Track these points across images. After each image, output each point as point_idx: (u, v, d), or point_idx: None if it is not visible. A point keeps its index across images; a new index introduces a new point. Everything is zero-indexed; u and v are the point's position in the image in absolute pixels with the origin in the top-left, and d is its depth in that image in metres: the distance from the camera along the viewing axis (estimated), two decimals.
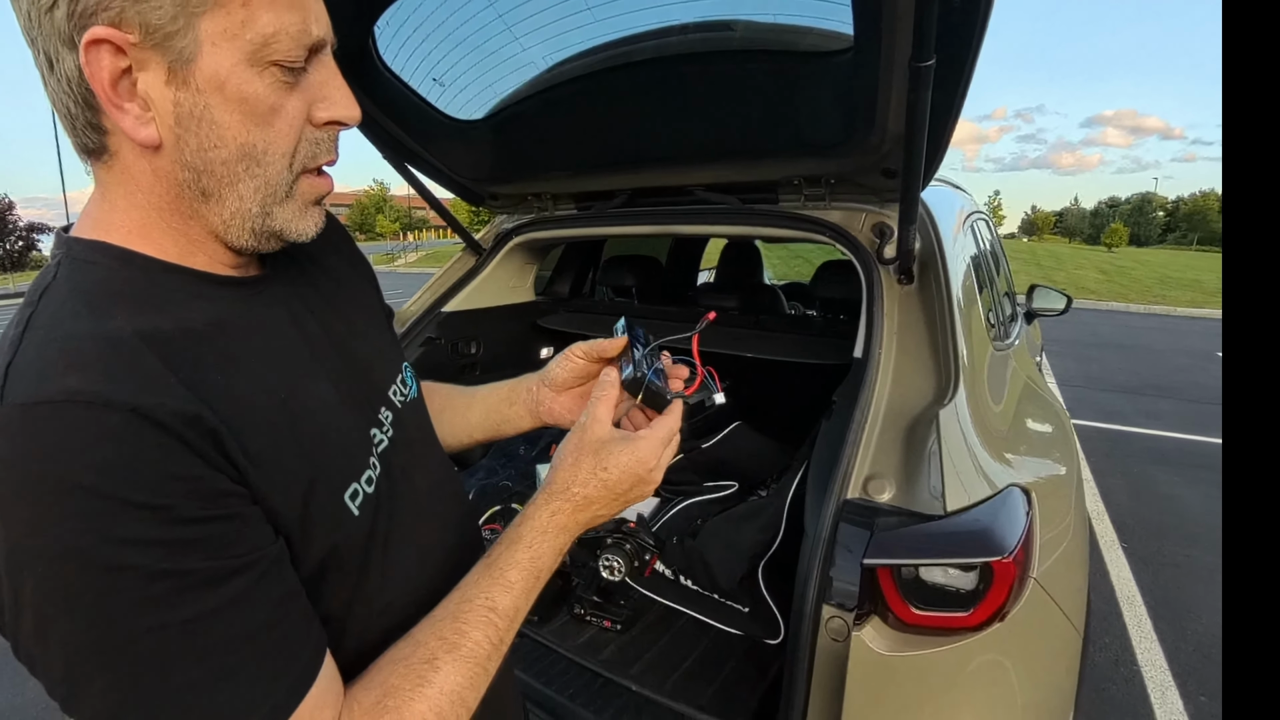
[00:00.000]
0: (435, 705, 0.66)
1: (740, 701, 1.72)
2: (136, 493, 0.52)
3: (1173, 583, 3.97)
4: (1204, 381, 9.57)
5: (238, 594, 0.57)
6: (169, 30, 0.58)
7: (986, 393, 1.69)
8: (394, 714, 0.64)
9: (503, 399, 1.16)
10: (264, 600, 0.59)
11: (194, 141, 0.63)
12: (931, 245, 1.81)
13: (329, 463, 0.72)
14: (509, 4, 1.69)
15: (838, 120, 1.68)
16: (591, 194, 2.47)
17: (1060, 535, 1.59)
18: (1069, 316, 4.60)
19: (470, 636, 0.71)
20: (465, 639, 0.70)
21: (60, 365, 0.56)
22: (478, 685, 0.70)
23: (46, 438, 0.53)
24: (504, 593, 0.75)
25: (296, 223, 0.72)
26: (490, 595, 0.74)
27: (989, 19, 1.23)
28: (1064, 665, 1.56)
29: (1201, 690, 3.07)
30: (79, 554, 0.51)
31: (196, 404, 0.58)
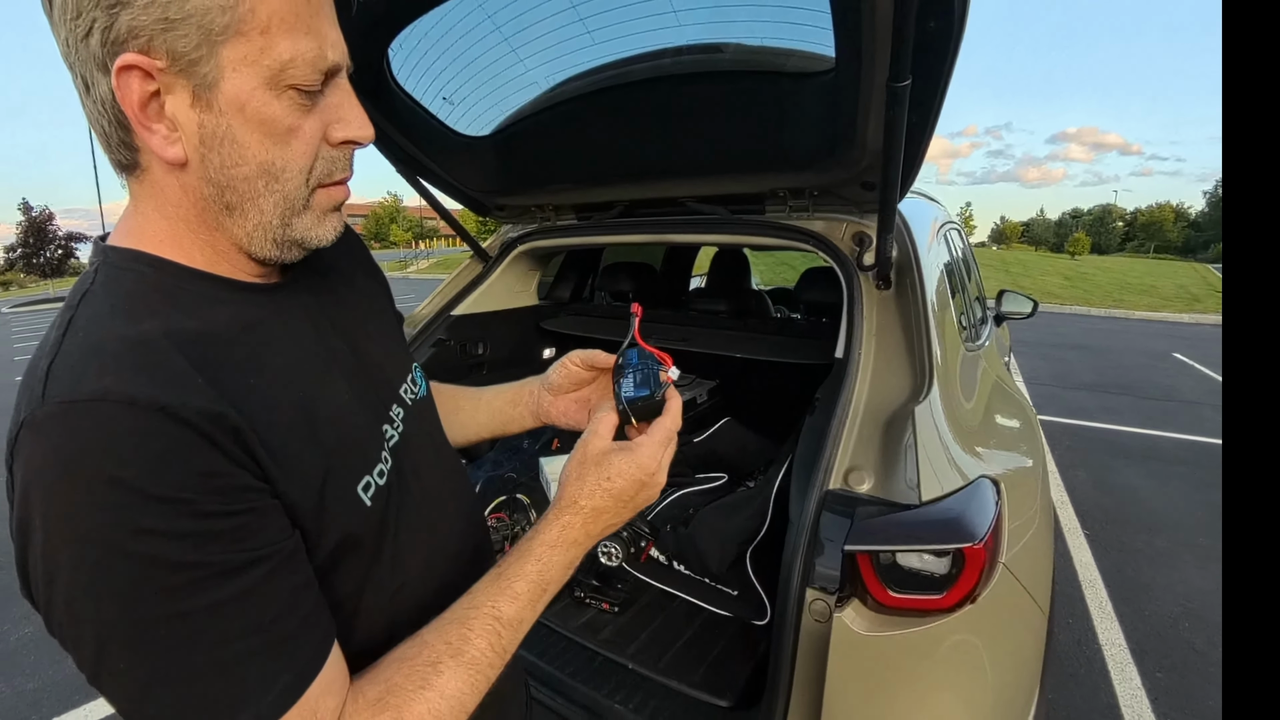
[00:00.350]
0: (434, 708, 0.65)
1: (729, 679, 1.72)
2: (162, 487, 0.53)
3: (1131, 567, 3.99)
4: (1160, 380, 9.61)
5: (253, 584, 0.58)
6: (194, 57, 0.59)
7: (959, 390, 1.70)
8: (394, 711, 0.64)
9: (508, 401, 1.17)
10: (278, 591, 0.60)
11: (217, 159, 0.64)
12: (908, 253, 1.82)
13: (343, 457, 0.72)
14: (514, 27, 1.69)
15: (820, 136, 1.68)
16: (591, 205, 2.47)
17: (1027, 523, 1.59)
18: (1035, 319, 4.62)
19: (474, 643, 0.70)
20: (469, 645, 0.70)
21: (96, 366, 0.56)
22: (478, 690, 0.70)
23: (81, 434, 0.53)
24: (510, 603, 0.74)
25: (315, 230, 0.73)
26: (497, 605, 0.73)
27: (961, 42, 1.23)
28: (1031, 644, 1.56)
29: (1158, 667, 3.08)
30: (108, 543, 0.52)
31: (220, 403, 0.59)
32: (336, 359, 0.80)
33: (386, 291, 1.04)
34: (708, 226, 2.15)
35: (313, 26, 0.64)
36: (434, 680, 0.67)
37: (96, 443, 0.53)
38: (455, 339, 2.63)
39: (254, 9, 0.59)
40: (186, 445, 0.56)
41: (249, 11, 0.59)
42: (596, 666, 1.79)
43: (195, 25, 0.57)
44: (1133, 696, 2.89)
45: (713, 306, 3.11)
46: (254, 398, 0.64)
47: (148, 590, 0.53)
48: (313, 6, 0.64)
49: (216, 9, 0.58)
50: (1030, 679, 1.56)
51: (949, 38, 1.21)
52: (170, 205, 0.67)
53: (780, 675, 1.39)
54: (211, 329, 0.66)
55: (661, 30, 1.59)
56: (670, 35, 1.60)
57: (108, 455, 0.53)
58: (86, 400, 0.54)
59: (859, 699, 1.31)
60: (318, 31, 0.65)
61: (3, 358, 13.18)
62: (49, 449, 0.53)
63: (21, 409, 0.56)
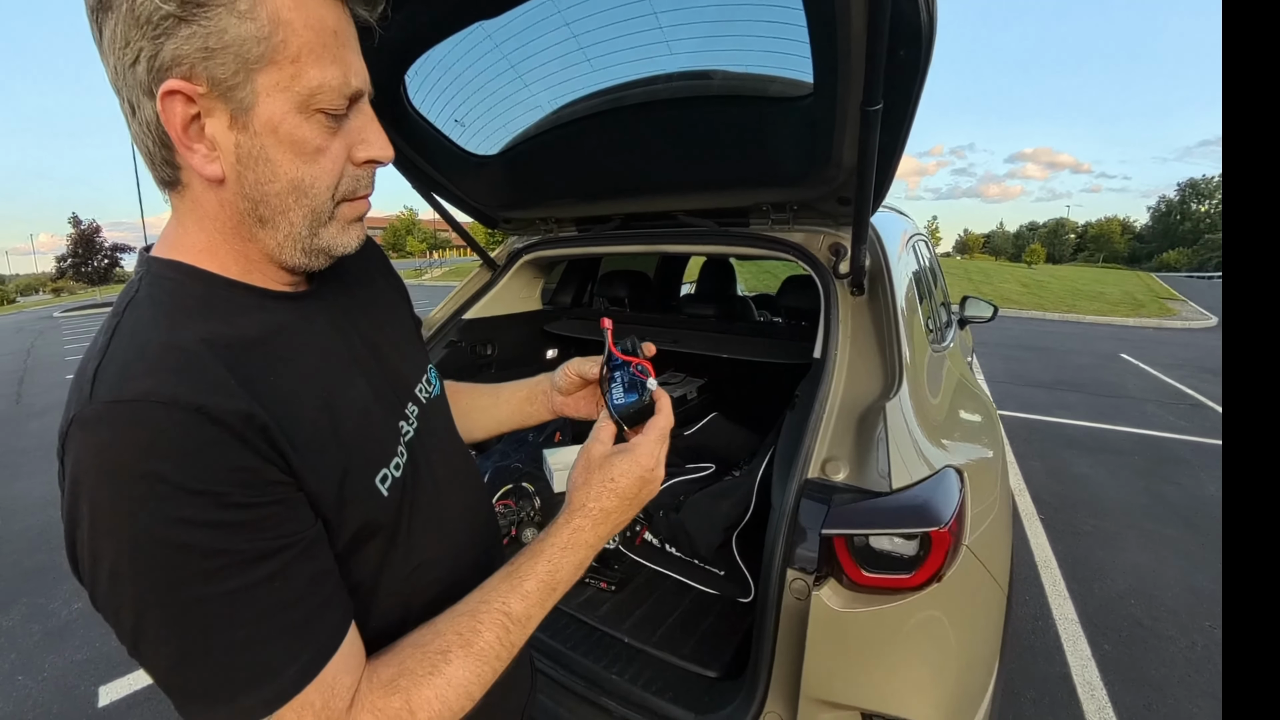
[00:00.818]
0: (441, 693, 0.66)
1: (717, 651, 1.72)
2: (197, 480, 0.55)
3: (1082, 549, 4.00)
4: (1108, 378, 9.64)
5: (278, 570, 0.59)
6: (231, 83, 0.60)
7: (926, 388, 1.70)
8: (404, 694, 0.65)
9: (524, 399, 1.19)
10: (300, 576, 0.61)
11: (252, 176, 0.65)
12: (880, 262, 1.82)
13: (362, 451, 0.73)
14: (519, 55, 1.69)
15: (800, 156, 1.68)
16: (590, 218, 2.46)
17: (988, 509, 1.59)
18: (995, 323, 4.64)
19: (483, 636, 0.70)
20: (479, 638, 0.70)
21: (139, 369, 0.58)
22: (484, 680, 0.70)
23: (125, 431, 0.55)
24: (520, 600, 0.74)
25: (340, 240, 0.74)
26: (507, 601, 0.73)
27: (928, 69, 1.23)
28: (992, 619, 1.57)
29: (1106, 640, 3.09)
30: (147, 530, 0.53)
31: (251, 404, 0.60)
32: (358, 361, 0.81)
33: (404, 297, 1.05)
34: (697, 238, 2.15)
35: (339, 56, 0.65)
36: (443, 668, 0.67)
37: (139, 439, 0.54)
38: (466, 340, 2.63)
39: (286, 40, 0.60)
40: (220, 442, 0.57)
41: (282, 42, 0.60)
42: (595, 640, 1.78)
43: (233, 54, 0.59)
44: (1083, 666, 2.90)
45: (702, 311, 3.11)
46: (281, 398, 0.65)
47: (182, 574, 0.55)
48: (339, 38, 0.65)
49: (253, 40, 0.59)
50: (991, 651, 1.57)
51: (917, 65, 1.21)
52: (208, 219, 0.67)
53: (763, 648, 1.39)
54: (244, 334, 0.67)
55: (654, 58, 1.59)
56: (663, 62, 1.60)
57: (149, 451, 0.54)
58: (130, 400, 0.55)
59: (835, 670, 1.31)
60: (343, 60, 0.66)
61: (54, 357, 13.12)
62: (96, 444, 0.55)
63: (72, 406, 0.57)
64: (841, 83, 1.33)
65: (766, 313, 4.40)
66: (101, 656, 3.03)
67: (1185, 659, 2.98)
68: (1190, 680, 2.83)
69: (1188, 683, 2.82)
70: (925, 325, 2.04)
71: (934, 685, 1.34)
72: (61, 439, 0.57)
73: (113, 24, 0.57)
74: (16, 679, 2.91)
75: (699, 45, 1.54)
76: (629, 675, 1.64)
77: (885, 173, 1.48)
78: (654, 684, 1.61)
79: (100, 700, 2.74)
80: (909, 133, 1.38)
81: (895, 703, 1.31)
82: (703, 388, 2.94)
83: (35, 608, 3.49)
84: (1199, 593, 3.54)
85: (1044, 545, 4.04)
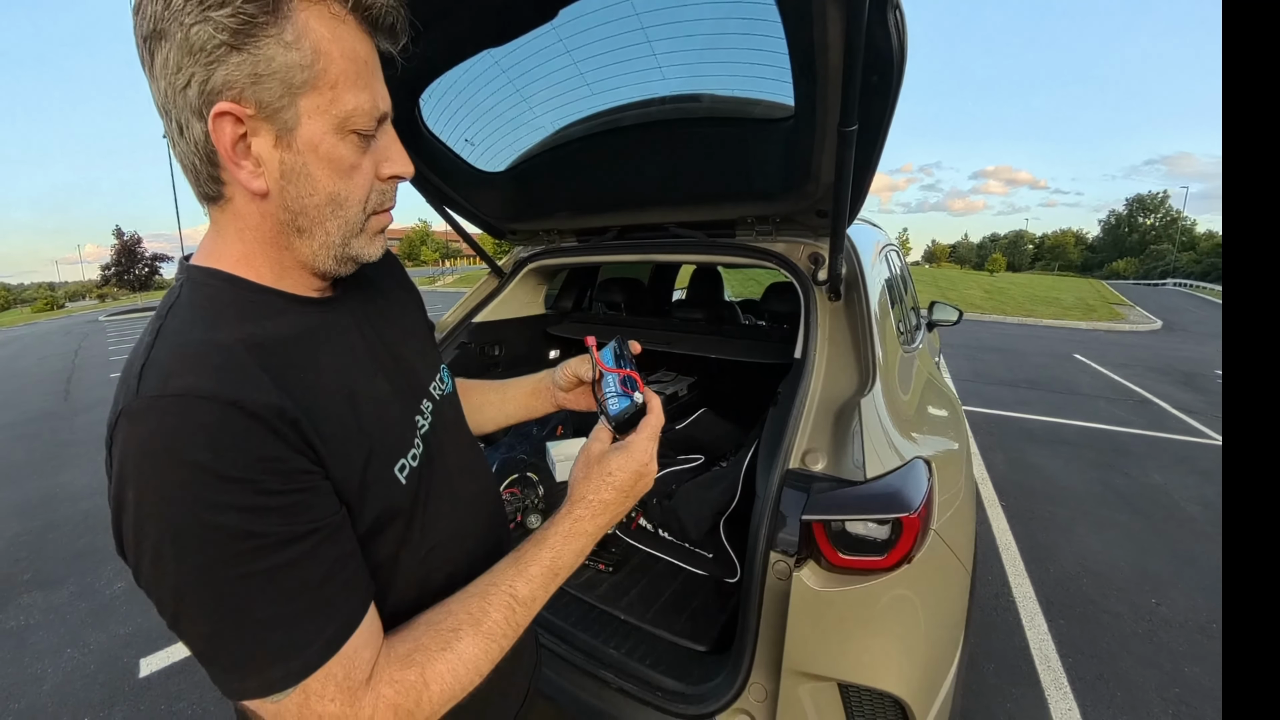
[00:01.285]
0: (453, 667, 0.67)
1: (706, 627, 1.72)
2: (232, 469, 0.56)
3: (1039, 533, 4.01)
4: (1063, 376, 9.67)
5: (304, 553, 0.59)
6: (277, 106, 0.61)
7: (897, 385, 1.69)
8: (419, 667, 0.65)
9: (529, 393, 1.21)
10: (325, 559, 0.61)
11: (294, 191, 0.66)
12: (855, 270, 1.81)
13: (382, 443, 0.73)
14: (524, 80, 1.68)
15: (781, 172, 1.68)
16: (589, 230, 2.45)
17: (954, 496, 1.59)
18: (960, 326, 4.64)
19: (491, 616, 0.71)
20: (487, 618, 0.71)
21: (180, 366, 0.59)
22: (492, 656, 0.71)
23: (168, 423, 0.56)
24: (525, 584, 0.74)
25: (367, 248, 0.75)
26: (514, 585, 0.74)
27: (899, 94, 1.23)
28: (957, 597, 1.57)
29: (1061, 616, 3.10)
30: (186, 515, 0.55)
31: (283, 398, 0.62)
32: (378, 360, 0.82)
33: (419, 303, 1.05)
34: (688, 248, 2.15)
35: (369, 83, 0.67)
36: (455, 644, 0.68)
37: (180, 431, 0.56)
38: (476, 342, 2.62)
39: (326, 68, 0.62)
40: (254, 434, 0.58)
41: (322, 70, 0.62)
42: (594, 617, 1.78)
43: (279, 80, 0.60)
44: (1040, 641, 2.90)
45: (692, 315, 3.10)
46: (310, 394, 0.66)
47: (218, 555, 0.55)
48: (369, 67, 0.67)
49: (297, 67, 0.60)
50: (956, 626, 1.57)
51: (889, 90, 1.21)
52: (249, 230, 0.68)
53: (748, 624, 1.39)
54: (276, 335, 0.68)
55: (648, 82, 1.59)
56: (655, 87, 1.60)
57: (189, 442, 0.55)
58: (173, 395, 0.57)
59: (814, 644, 1.31)
60: (372, 87, 0.67)
61: (100, 358, 13.08)
62: (141, 435, 0.56)
63: (120, 400, 0.58)
64: (820, 105, 1.33)
65: (751, 316, 4.40)
66: (142, 631, 3.03)
67: (1133, 633, 2.99)
68: (1138, 652, 2.84)
69: (1136, 655, 2.83)
70: (897, 328, 2.04)
71: (904, 658, 1.34)
72: (110, 430, 0.58)
73: (165, 50, 0.58)
74: (65, 651, 2.91)
75: (689, 71, 1.54)
76: (625, 649, 1.63)
77: (860, 188, 1.48)
78: (648, 657, 1.61)
79: (141, 671, 2.74)
80: (882, 151, 1.38)
81: (869, 674, 1.31)
82: (693, 385, 2.94)
83: (83, 586, 3.49)
84: (1145, 573, 3.55)
85: (1005, 529, 4.04)
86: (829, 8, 1.08)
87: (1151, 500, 4.63)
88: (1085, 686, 2.60)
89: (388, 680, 0.64)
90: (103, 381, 10.02)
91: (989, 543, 3.85)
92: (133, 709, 2.52)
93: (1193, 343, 15.02)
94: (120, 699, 2.58)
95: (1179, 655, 2.84)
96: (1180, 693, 2.59)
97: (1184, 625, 3.07)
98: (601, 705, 1.53)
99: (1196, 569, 3.63)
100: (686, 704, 1.45)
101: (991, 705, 2.48)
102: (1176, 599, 3.30)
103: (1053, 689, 2.58)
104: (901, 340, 2.05)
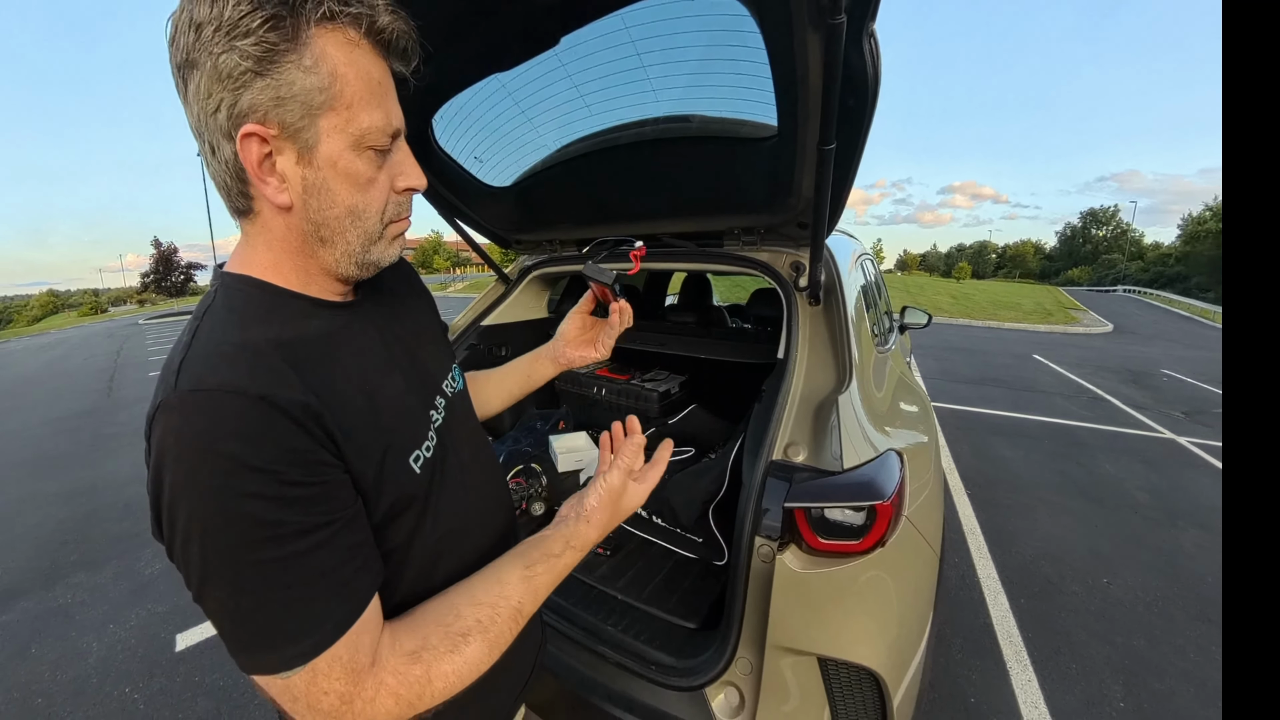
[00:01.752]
0: (458, 669, 0.67)
1: (696, 606, 1.71)
2: (260, 460, 0.57)
3: (1002, 519, 4.02)
4: (1023, 375, 9.69)
5: (320, 542, 0.60)
6: (298, 126, 0.62)
7: (872, 383, 1.69)
8: (425, 665, 0.65)
9: (528, 364, 1.24)
10: (339, 547, 0.62)
11: (315, 204, 0.67)
12: (833, 277, 1.81)
13: (399, 435, 0.74)
14: (529, 102, 1.68)
15: (765, 188, 1.67)
16: (588, 240, 2.44)
17: (924, 485, 1.59)
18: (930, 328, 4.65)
19: (500, 626, 0.72)
20: (495, 626, 0.71)
21: (215, 364, 0.60)
22: (494, 657, 0.72)
23: (201, 416, 0.57)
24: (532, 601, 0.76)
25: (385, 253, 0.76)
26: (522, 601, 0.75)
27: (874, 115, 1.22)
28: (927, 578, 1.56)
29: (1022, 594, 3.10)
30: (215, 501, 0.55)
31: (308, 394, 0.62)
32: (395, 360, 0.82)
33: (431, 306, 1.06)
34: (679, 256, 2.14)
35: (382, 102, 0.67)
36: (463, 648, 0.68)
37: (213, 423, 0.57)
38: (484, 343, 2.61)
39: (342, 90, 0.63)
40: (281, 427, 0.59)
41: (339, 92, 0.63)
42: (594, 597, 1.77)
43: (300, 102, 0.61)
44: (1003, 617, 2.90)
45: (683, 319, 3.09)
46: (333, 390, 0.67)
47: (240, 540, 0.56)
48: (383, 87, 0.67)
49: (316, 90, 0.61)
50: (926, 605, 1.56)
51: (864, 112, 1.20)
52: (276, 240, 0.70)
53: (735, 603, 1.38)
54: (302, 336, 0.69)
55: (643, 104, 1.58)
56: (650, 108, 1.59)
57: (221, 434, 0.56)
58: (207, 390, 0.58)
59: (795, 621, 1.30)
60: (386, 106, 0.68)
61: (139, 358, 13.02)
62: (178, 426, 0.57)
63: (159, 394, 0.60)
64: (801, 126, 1.32)
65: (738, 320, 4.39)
66: (178, 609, 3.02)
67: (1088, 610, 3.00)
68: (1092, 628, 2.85)
69: (1090, 630, 2.83)
70: (871, 330, 2.03)
71: (878, 634, 1.33)
72: (149, 422, 0.59)
73: (197, 79, 0.59)
74: (108, 627, 2.91)
75: (680, 94, 1.53)
76: (622, 627, 1.62)
77: (838, 202, 1.47)
78: (643, 634, 1.60)
79: (177, 646, 2.74)
80: (858, 168, 1.37)
81: (846, 649, 1.30)
82: (684, 384, 2.93)
83: (124, 568, 3.47)
84: (1099, 555, 3.56)
85: (970, 515, 4.05)
86: (809, 36, 1.07)
87: (1104, 489, 4.64)
88: (1043, 659, 2.61)
89: (393, 671, 0.64)
90: (142, 380, 9.95)
91: (956, 528, 3.85)
92: (169, 680, 2.51)
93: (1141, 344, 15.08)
94: (158, 671, 2.57)
95: (1128, 630, 2.84)
96: (1129, 664, 2.59)
97: (1133, 603, 3.08)
98: (600, 678, 1.53)
99: (1144, 551, 3.64)
100: (678, 677, 1.44)
101: (958, 678, 2.48)
102: (1126, 579, 3.30)
103: (1014, 662, 2.58)
104: (876, 342, 2.05)
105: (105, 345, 16.42)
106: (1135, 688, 2.45)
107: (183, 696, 2.41)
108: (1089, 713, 2.32)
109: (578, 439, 2.62)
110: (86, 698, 2.44)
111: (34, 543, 3.86)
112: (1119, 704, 2.36)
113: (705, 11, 1.23)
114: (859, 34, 1.04)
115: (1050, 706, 2.33)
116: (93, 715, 2.34)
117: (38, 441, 6.32)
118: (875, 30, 1.06)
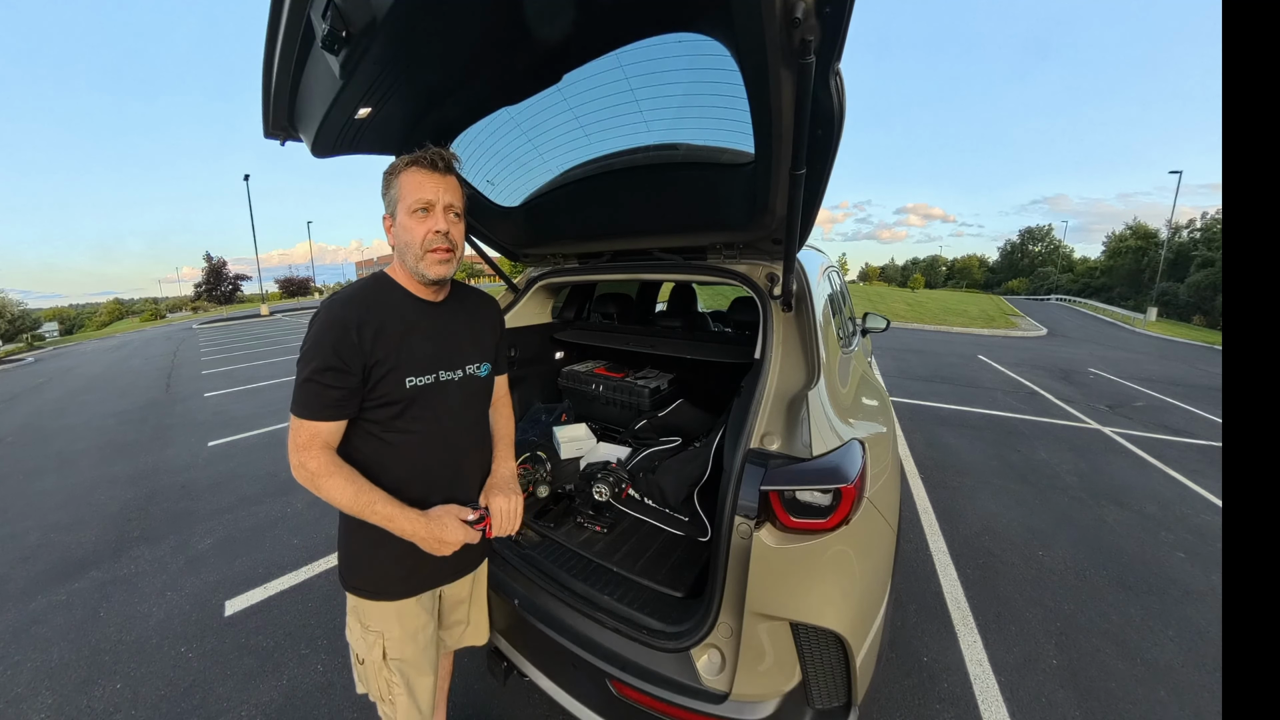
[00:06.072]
0: (336, 494, 1.12)
1: (682, 577, 1.70)
2: (328, 339, 1.11)
3: (950, 499, 4.02)
4: (969, 373, 9.72)
5: (331, 385, 1.11)
6: (393, 210, 1.19)
7: (837, 380, 1.68)
8: (329, 477, 1.12)
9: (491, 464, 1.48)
10: (337, 394, 1.12)
11: (396, 241, 1.20)
12: (804, 287, 1.79)
13: (407, 366, 1.18)
14: (535, 132, 1.66)
15: (744, 208, 1.66)
16: (587, 254, 2.43)
17: (883, 470, 1.58)
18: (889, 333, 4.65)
19: (368, 511, 1.14)
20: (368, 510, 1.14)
21: (343, 297, 1.17)
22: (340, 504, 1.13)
23: (325, 310, 1.14)
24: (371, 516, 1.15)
25: (429, 270, 1.19)
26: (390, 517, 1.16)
27: (839, 145, 1.21)
28: (885, 552, 1.55)
29: (969, 566, 3.11)
30: (307, 350, 1.12)
31: (369, 318, 1.14)
32: (437, 336, 1.24)
33: (494, 332, 1.43)
34: (668, 268, 2.13)
35: (422, 189, 1.16)
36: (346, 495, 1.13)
37: (323, 319, 1.13)
38: None
39: (404, 193, 1.16)
40: (345, 329, 1.11)
41: (401, 194, 1.17)
42: (591, 570, 1.75)
43: (392, 199, 1.19)
44: (952, 585, 2.90)
45: (671, 323, 3.08)
46: (385, 330, 1.15)
47: (304, 368, 1.11)
48: (424, 186, 1.16)
49: (397, 195, 1.17)
50: (885, 575, 1.55)
51: (830, 141, 1.19)
52: (395, 257, 1.23)
53: (717, 575, 1.37)
54: (388, 302, 1.20)
55: (635, 134, 1.56)
56: (641, 137, 1.58)
57: (322, 325, 1.12)
58: (327, 305, 1.15)
59: (770, 591, 1.29)
60: (423, 195, 1.16)
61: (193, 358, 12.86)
62: (318, 315, 1.14)
63: (321, 308, 1.15)
64: (775, 153, 1.30)
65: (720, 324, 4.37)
66: (228, 579, 2.99)
67: (1024, 578, 3.00)
68: (1028, 595, 2.85)
69: (1027, 596, 2.83)
70: (837, 334, 2.02)
71: (843, 601, 1.32)
72: (312, 317, 1.14)
73: (385, 186, 1.20)
74: (166, 594, 2.89)
75: (669, 124, 1.52)
76: (617, 595, 1.61)
77: (808, 220, 1.46)
78: (635, 602, 1.58)
79: (226, 611, 2.71)
80: (825, 190, 1.36)
81: (815, 615, 1.29)
82: (672, 381, 2.91)
83: (179, 542, 3.43)
84: (1033, 530, 3.56)
85: (923, 496, 4.05)
86: (782, 73, 1.06)
87: (1038, 472, 4.66)
88: (987, 622, 2.61)
89: (316, 458, 1.11)
90: (196, 377, 9.83)
91: (911, 507, 3.85)
92: (219, 640, 2.49)
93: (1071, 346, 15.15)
94: (209, 633, 2.55)
95: (1060, 596, 2.85)
96: (1061, 626, 2.60)
97: (1064, 572, 3.08)
98: (598, 639, 1.51)
99: (1073, 527, 3.65)
100: (666, 640, 1.43)
101: (913, 639, 2.48)
102: (1057, 551, 3.31)
103: (961, 625, 2.58)
104: (841, 344, 2.03)
105: (164, 346, 16.24)
106: (1066, 647, 2.45)
107: (230, 656, 2.38)
108: (1027, 669, 2.31)
109: (578, 429, 2.60)
110: (147, 655, 2.42)
111: (103, 519, 3.81)
112: (1052, 661, 2.36)
113: (691, 51, 1.22)
114: (826, 73, 1.03)
115: (993, 665, 2.33)
116: (153, 671, 2.32)
117: (107, 431, 6.25)
118: (840, 70, 1.05)
